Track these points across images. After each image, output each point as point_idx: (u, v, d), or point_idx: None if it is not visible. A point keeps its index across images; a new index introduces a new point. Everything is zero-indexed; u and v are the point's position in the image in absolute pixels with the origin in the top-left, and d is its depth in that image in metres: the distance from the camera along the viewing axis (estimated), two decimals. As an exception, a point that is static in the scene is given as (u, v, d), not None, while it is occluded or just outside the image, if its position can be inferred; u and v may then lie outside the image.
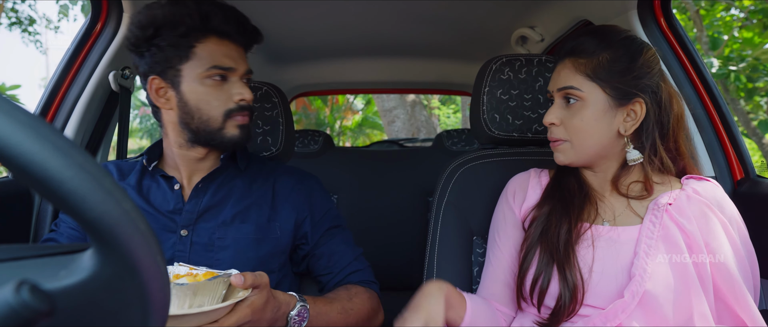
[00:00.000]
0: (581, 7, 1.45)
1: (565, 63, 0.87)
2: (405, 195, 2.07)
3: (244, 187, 1.03)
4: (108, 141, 1.42)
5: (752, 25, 5.10)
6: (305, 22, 1.74)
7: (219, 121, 0.95)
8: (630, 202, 0.88)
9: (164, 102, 0.97)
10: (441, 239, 1.07)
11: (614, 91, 0.83)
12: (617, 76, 0.82)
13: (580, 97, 0.84)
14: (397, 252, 2.04)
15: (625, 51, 0.83)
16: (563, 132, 0.87)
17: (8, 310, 0.27)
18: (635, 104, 0.83)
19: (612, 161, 0.88)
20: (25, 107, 0.30)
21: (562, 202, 0.88)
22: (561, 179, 0.92)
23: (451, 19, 1.74)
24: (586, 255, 0.83)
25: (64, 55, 1.28)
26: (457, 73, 2.45)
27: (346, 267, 1.04)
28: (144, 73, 0.97)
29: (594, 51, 0.84)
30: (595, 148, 0.86)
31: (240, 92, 0.96)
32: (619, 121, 0.84)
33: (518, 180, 0.98)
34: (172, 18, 0.91)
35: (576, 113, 0.85)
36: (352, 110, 10.20)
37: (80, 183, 0.29)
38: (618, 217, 0.87)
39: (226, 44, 0.96)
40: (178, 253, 0.94)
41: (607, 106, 0.84)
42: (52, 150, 0.29)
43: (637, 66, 0.83)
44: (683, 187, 0.87)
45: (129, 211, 0.31)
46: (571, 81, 0.85)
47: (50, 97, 1.25)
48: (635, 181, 0.88)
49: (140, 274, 0.33)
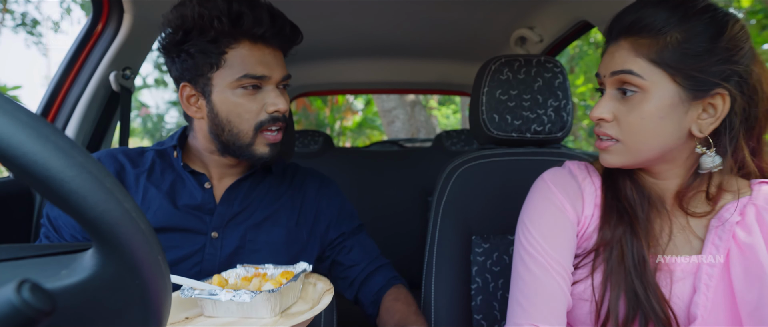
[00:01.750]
0: (581, 8, 1.46)
1: (620, 43, 0.67)
2: (404, 195, 2.07)
3: (273, 190, 1.01)
4: (109, 141, 1.43)
5: (751, 26, 5.10)
6: (305, 22, 1.74)
7: (249, 135, 0.88)
8: (689, 221, 0.71)
9: (195, 110, 0.90)
10: (440, 239, 1.07)
11: (688, 81, 0.63)
12: (693, 61, 0.62)
13: (641, 86, 0.65)
14: (397, 251, 2.04)
15: (705, 27, 0.62)
16: (616, 130, 0.68)
17: (10, 309, 0.27)
18: (716, 97, 0.63)
19: (678, 168, 0.70)
20: (27, 107, 0.30)
21: (627, 217, 0.71)
22: (615, 185, 0.75)
23: (451, 20, 1.74)
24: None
25: (65, 56, 1.28)
26: (457, 73, 2.45)
27: (375, 259, 1.06)
28: (176, 78, 0.90)
29: (662, 27, 0.63)
30: (656, 152, 0.68)
31: (274, 102, 0.88)
32: (693, 118, 0.65)
33: (565, 178, 0.79)
34: (201, 21, 0.83)
35: (634, 108, 0.66)
36: (352, 110, 10.20)
37: (81, 183, 0.29)
38: (676, 241, 0.71)
39: (260, 49, 0.87)
40: (209, 256, 0.90)
41: (676, 99, 0.64)
42: (53, 150, 0.29)
43: (720, 47, 0.62)
44: (752, 194, 0.69)
45: (130, 211, 0.32)
46: (630, 64, 0.65)
47: (51, 97, 1.25)
48: (699, 192, 0.70)
49: (141, 274, 0.33)
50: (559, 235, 0.74)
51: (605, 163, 0.72)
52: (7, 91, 6.56)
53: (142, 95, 10.49)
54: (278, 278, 0.76)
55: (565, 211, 0.75)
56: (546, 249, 0.73)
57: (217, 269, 0.90)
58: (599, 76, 0.71)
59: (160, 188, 0.92)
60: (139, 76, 5.55)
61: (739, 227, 0.67)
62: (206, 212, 0.92)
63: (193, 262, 0.89)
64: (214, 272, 0.89)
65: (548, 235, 0.74)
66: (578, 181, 0.78)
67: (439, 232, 1.07)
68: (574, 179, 0.78)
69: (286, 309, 0.75)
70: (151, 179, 0.93)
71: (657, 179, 0.73)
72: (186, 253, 0.89)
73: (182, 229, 0.89)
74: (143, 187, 0.91)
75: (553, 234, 0.74)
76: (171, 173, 0.94)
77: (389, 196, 2.07)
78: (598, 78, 0.72)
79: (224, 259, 0.91)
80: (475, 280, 1.06)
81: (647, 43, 0.64)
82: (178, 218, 0.90)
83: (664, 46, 0.63)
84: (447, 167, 1.13)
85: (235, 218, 0.94)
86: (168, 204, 0.90)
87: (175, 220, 0.89)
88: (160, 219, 0.89)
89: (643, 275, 0.67)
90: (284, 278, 0.76)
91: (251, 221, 0.95)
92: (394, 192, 2.08)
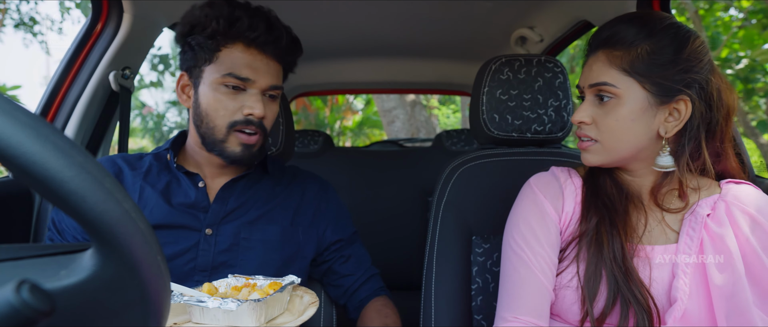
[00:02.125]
0: (580, 8, 1.46)
1: (597, 55, 0.77)
2: (405, 195, 2.07)
3: (269, 189, 1.03)
4: (108, 141, 1.43)
5: (751, 25, 5.10)
6: (305, 22, 1.74)
7: (223, 132, 0.92)
8: (665, 216, 0.79)
9: (185, 99, 0.97)
10: (440, 239, 1.07)
11: (655, 88, 0.73)
12: (659, 70, 0.72)
13: (615, 93, 0.75)
14: (397, 251, 2.04)
15: (670, 40, 0.73)
16: (595, 131, 0.78)
17: (9, 309, 0.27)
18: (679, 102, 0.73)
19: (650, 166, 0.79)
20: (26, 107, 0.30)
21: (607, 211, 0.79)
22: (596, 184, 0.83)
23: (451, 20, 1.74)
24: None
25: (64, 56, 1.28)
26: (457, 73, 2.45)
27: (368, 269, 1.11)
28: (180, 68, 0.98)
29: (632, 41, 0.74)
30: (630, 151, 0.77)
31: (251, 106, 0.91)
32: (660, 121, 0.74)
33: (547, 180, 0.87)
34: (203, 19, 0.91)
35: (610, 112, 0.75)
36: (352, 110, 10.20)
37: (81, 183, 0.29)
38: (653, 232, 0.79)
39: (253, 53, 0.92)
40: (203, 252, 0.93)
41: (646, 104, 0.74)
42: (52, 150, 0.29)
43: (682, 58, 0.72)
44: (722, 191, 0.78)
45: (129, 211, 0.32)
46: (605, 76, 0.75)
47: (51, 97, 1.25)
48: (672, 189, 0.79)
49: (141, 274, 0.33)
50: (542, 234, 0.82)
51: (586, 162, 0.81)
52: (7, 91, 6.56)
53: (141, 95, 10.49)
54: (266, 289, 0.79)
55: (547, 211, 0.83)
56: (532, 247, 0.81)
57: (212, 265, 0.93)
58: (579, 87, 0.82)
59: (155, 187, 0.95)
60: (139, 74, 5.48)
61: (710, 220, 0.75)
62: (200, 210, 0.96)
63: (188, 258, 0.92)
64: (209, 268, 0.93)
65: (532, 235, 0.82)
66: (560, 182, 0.86)
67: (440, 233, 1.07)
68: (557, 180, 0.86)
69: (272, 319, 0.78)
70: (147, 179, 0.97)
71: (634, 177, 0.82)
72: (180, 248, 0.92)
73: (177, 226, 0.93)
74: (140, 186, 0.95)
75: (537, 234, 0.82)
76: (167, 174, 0.98)
77: (389, 196, 2.07)
78: (579, 89, 0.82)
79: (218, 255, 0.93)
80: (476, 281, 1.06)
81: (620, 54, 0.74)
82: (172, 216, 0.93)
83: (635, 57, 0.73)
84: (447, 167, 1.13)
85: (230, 215, 0.97)
86: (163, 202, 0.93)
87: (170, 217, 0.93)
88: (156, 216, 0.92)
89: (621, 261, 0.74)
90: (272, 289, 0.78)
91: (246, 218, 0.97)
92: (394, 192, 2.08)
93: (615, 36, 0.75)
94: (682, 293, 0.72)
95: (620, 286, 0.73)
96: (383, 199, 2.07)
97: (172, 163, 0.98)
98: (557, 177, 0.87)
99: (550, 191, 0.85)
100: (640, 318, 0.71)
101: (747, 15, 5.08)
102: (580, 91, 0.82)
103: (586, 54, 0.82)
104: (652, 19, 0.75)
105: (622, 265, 0.74)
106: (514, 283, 0.81)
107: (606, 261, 0.75)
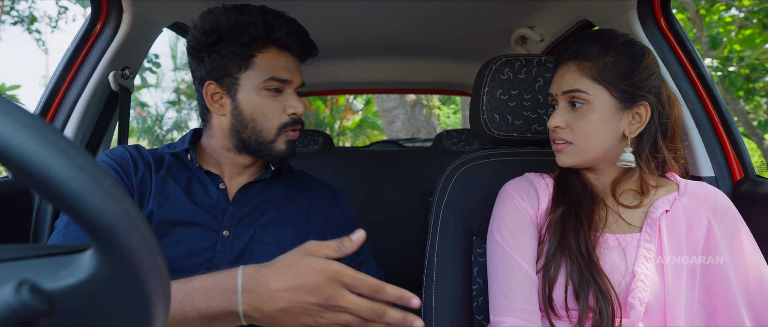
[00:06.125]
0: (581, 8, 1.45)
1: (568, 66, 0.87)
2: (405, 195, 2.07)
3: (282, 193, 1.04)
4: (108, 141, 1.42)
5: (752, 25, 5.10)
6: (305, 22, 1.74)
7: (272, 133, 0.96)
8: (626, 211, 0.88)
9: (218, 108, 0.97)
10: (441, 239, 1.07)
11: (621, 94, 0.83)
12: (623, 79, 0.83)
13: (587, 100, 0.84)
14: (397, 252, 2.04)
15: (628, 54, 0.84)
16: (569, 134, 0.87)
17: (8, 310, 0.27)
18: (640, 107, 0.84)
19: (614, 165, 0.90)
20: (25, 107, 0.30)
21: (573, 205, 0.88)
22: (566, 182, 0.93)
23: (451, 19, 1.74)
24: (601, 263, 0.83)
25: (64, 55, 1.28)
26: (457, 73, 2.45)
27: (376, 272, 1.10)
28: (200, 78, 0.97)
29: (599, 54, 0.84)
30: (600, 151, 0.86)
31: (293, 105, 0.97)
32: (625, 123, 0.85)
33: (521, 183, 0.96)
34: (237, 26, 0.91)
35: (583, 116, 0.85)
36: (352, 110, 10.20)
37: (80, 183, 0.29)
38: (617, 224, 0.88)
39: (285, 56, 0.97)
40: (220, 253, 0.94)
41: (613, 109, 0.84)
42: (52, 150, 0.29)
43: (641, 69, 0.84)
44: (680, 189, 0.88)
45: (129, 211, 0.31)
46: (577, 84, 0.85)
47: (50, 97, 1.24)
48: (630, 189, 0.89)
49: (140, 274, 0.32)
50: (522, 230, 0.90)
51: (561, 163, 0.90)
52: (6, 90, 6.56)
53: (141, 95, 10.49)
54: None
55: (524, 209, 0.92)
56: (516, 241, 0.89)
57: (227, 266, 0.92)
58: (551, 95, 0.91)
59: (178, 182, 0.96)
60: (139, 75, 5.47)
61: (668, 214, 0.85)
62: (219, 211, 0.97)
63: (205, 257, 0.93)
64: (225, 268, 0.91)
65: (513, 231, 0.90)
66: (534, 184, 0.95)
67: (440, 233, 1.07)
68: (531, 183, 0.95)
69: None
70: (170, 172, 0.97)
71: (599, 176, 0.92)
72: (200, 247, 0.93)
73: (198, 224, 0.94)
74: (161, 177, 0.95)
75: (517, 230, 0.90)
76: (186, 172, 0.99)
77: (389, 196, 2.07)
78: (551, 97, 0.91)
79: (234, 256, 0.94)
80: (477, 281, 1.06)
81: (590, 65, 0.85)
82: (194, 213, 0.94)
83: (602, 67, 0.84)
84: (447, 167, 1.13)
85: (246, 218, 0.98)
86: (186, 198, 0.94)
87: (192, 214, 0.94)
88: (179, 212, 0.93)
89: (585, 249, 0.83)
90: None
91: (261, 221, 0.98)
92: (394, 192, 2.08)
93: (584, 49, 0.85)
94: (643, 276, 0.79)
95: (582, 272, 0.80)
96: (383, 199, 2.07)
97: (194, 163, 0.99)
98: (531, 180, 0.96)
99: (525, 192, 0.94)
100: (602, 305, 0.78)
101: (748, 14, 5.08)
102: (551, 98, 0.91)
103: (555, 65, 0.92)
104: (613, 36, 0.86)
105: (585, 253, 0.82)
106: (505, 278, 0.88)
107: (570, 246, 0.83)
